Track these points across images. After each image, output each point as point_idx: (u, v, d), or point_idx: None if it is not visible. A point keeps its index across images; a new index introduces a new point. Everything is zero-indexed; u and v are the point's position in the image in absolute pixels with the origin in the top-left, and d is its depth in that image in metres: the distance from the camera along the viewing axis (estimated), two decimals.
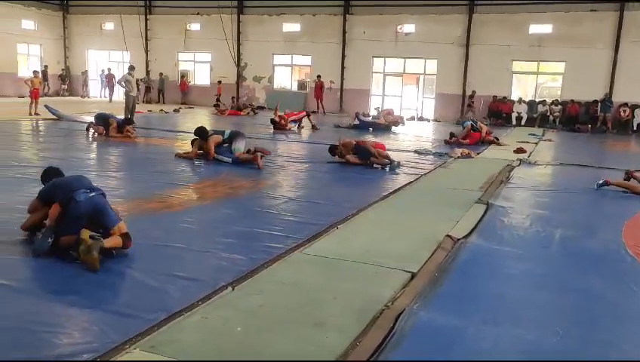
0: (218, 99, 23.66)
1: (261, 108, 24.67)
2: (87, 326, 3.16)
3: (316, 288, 3.79)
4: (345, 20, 24.30)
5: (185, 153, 9.67)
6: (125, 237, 4.20)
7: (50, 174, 4.76)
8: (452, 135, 13.75)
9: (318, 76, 24.15)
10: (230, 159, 9.12)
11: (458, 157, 11.05)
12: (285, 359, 2.81)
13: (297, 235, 5.01)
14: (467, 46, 22.52)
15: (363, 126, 16.85)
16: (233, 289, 3.68)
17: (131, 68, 16.79)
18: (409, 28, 23.49)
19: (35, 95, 17.43)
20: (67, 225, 4.15)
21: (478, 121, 15.63)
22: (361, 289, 3.80)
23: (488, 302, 3.75)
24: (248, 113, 21.34)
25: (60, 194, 4.30)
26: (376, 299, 3.58)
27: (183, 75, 27.29)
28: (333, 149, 9.75)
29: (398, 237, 5.18)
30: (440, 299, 3.69)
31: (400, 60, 24.39)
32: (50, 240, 4.08)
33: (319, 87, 24.04)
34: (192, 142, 9.80)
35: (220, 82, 25.81)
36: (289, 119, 15.76)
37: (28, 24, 27.32)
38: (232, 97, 24.14)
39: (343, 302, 3.56)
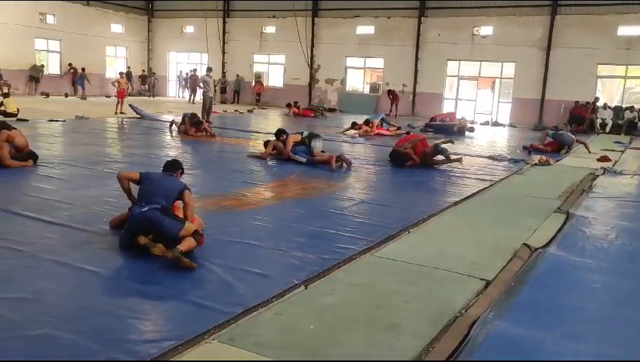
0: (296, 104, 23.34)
1: (332, 110, 24.82)
2: (169, 314, 3.33)
3: (388, 291, 3.79)
4: (420, 23, 24.01)
5: (260, 153, 9.91)
6: (196, 234, 4.25)
7: (165, 166, 5.00)
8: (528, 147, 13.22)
9: (389, 91, 23.98)
10: (305, 159, 9.27)
11: (536, 164, 10.65)
12: (358, 359, 2.83)
13: (369, 237, 5.02)
14: (548, 49, 21.63)
15: (436, 129, 16.62)
16: (306, 288, 3.74)
17: (209, 69, 17.37)
18: (486, 30, 22.88)
19: (121, 95, 18.45)
20: (131, 232, 4.30)
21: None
22: (433, 294, 3.76)
23: (568, 316, 3.59)
24: (317, 115, 21.39)
25: (140, 189, 4.58)
26: (449, 305, 3.53)
27: (259, 77, 27.90)
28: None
29: (471, 244, 5.07)
30: (516, 309, 3.58)
31: (475, 63, 23.79)
32: (129, 236, 4.32)
33: (395, 97, 23.82)
34: (266, 143, 10.03)
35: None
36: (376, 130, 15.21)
37: (116, 28, 28.98)
38: (288, 103, 22.84)
39: (415, 306, 3.53)
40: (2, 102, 14.81)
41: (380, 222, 5.64)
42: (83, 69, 25.66)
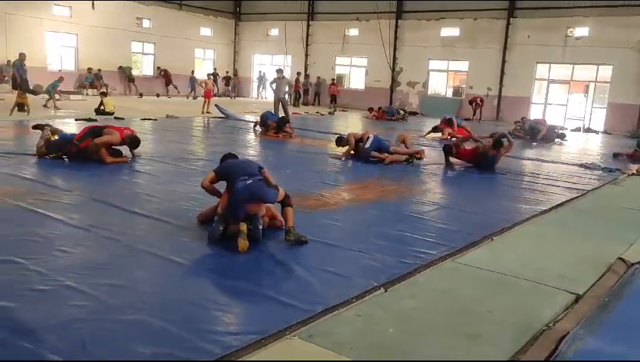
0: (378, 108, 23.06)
1: (414, 113, 24.51)
2: (251, 309, 3.44)
3: (469, 299, 3.70)
4: (508, 24, 23.18)
5: (343, 153, 10.00)
6: (287, 198, 4.76)
7: (227, 156, 5.36)
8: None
9: (470, 100, 23.23)
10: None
11: (633, 173, 9.97)
12: None
13: (450, 243, 4.92)
14: None
15: (528, 133, 15.99)
16: (386, 291, 3.73)
17: (278, 71, 17.79)
18: (581, 31, 21.70)
19: (207, 95, 19.22)
20: (232, 211, 4.59)
21: None
22: (517, 305, 3.63)
23: None
24: (398, 119, 21.12)
25: (227, 176, 4.85)
26: (536, 318, 3.39)
27: (334, 79, 28.00)
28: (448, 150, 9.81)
29: (559, 255, 4.84)
30: (609, 327, 3.37)
31: (568, 66, 22.61)
32: (221, 228, 4.51)
33: (477, 103, 23.08)
34: (338, 140, 10.35)
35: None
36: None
37: (205, 31, 30.26)
38: (370, 108, 22.58)
39: (498, 316, 3.42)
40: (102, 101, 15.88)
41: (460, 228, 5.51)
42: (192, 72, 27.12)
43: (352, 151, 9.92)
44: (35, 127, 8.85)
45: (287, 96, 18.04)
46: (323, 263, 4.17)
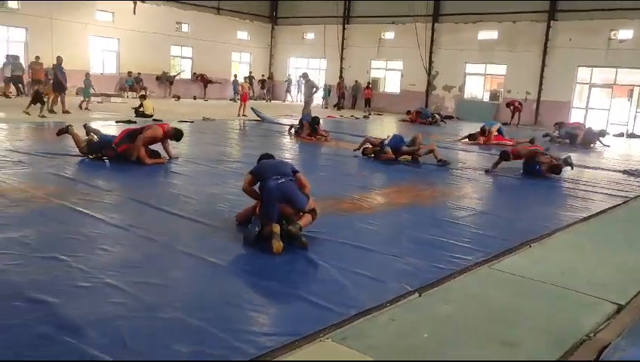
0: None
1: (449, 117, 24.24)
2: (285, 310, 3.47)
3: (506, 306, 3.63)
4: (549, 27, 22.68)
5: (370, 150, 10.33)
6: (313, 211, 4.78)
7: (263, 157, 5.39)
8: None
9: (508, 103, 22.75)
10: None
11: None
12: None
13: (486, 249, 4.85)
14: None
15: (566, 137, 15.63)
16: (420, 296, 3.70)
17: (304, 75, 17.88)
18: (625, 34, 21.05)
19: (244, 98, 19.45)
20: (265, 211, 4.66)
21: None
22: (556, 313, 3.55)
23: None
24: (431, 122, 20.84)
25: (260, 176, 4.91)
26: (575, 327, 3.31)
27: (369, 83, 27.91)
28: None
29: (600, 264, 4.71)
30: None
31: (611, 70, 21.95)
32: (257, 229, 4.56)
33: (516, 107, 22.51)
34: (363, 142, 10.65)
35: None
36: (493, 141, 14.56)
37: (242, 35, 30.65)
38: (408, 110, 22.56)
39: (536, 324, 3.35)
40: (141, 103, 16.27)
41: (497, 234, 5.43)
42: (235, 75, 27.74)
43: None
44: (60, 132, 8.93)
45: (312, 98, 18.01)
46: (357, 266, 4.17)
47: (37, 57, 18.47)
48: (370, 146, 10.39)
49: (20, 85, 20.59)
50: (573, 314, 3.54)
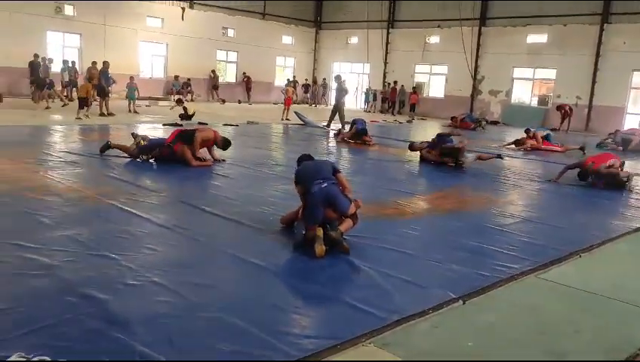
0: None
1: (495, 122, 23.75)
2: (327, 313, 3.47)
3: (554, 316, 3.53)
4: (602, 30, 21.94)
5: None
6: (354, 217, 4.76)
7: (302, 159, 5.38)
8: None
9: (558, 106, 22.05)
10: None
11: None
12: None
13: (533, 258, 4.73)
14: None
15: (620, 144, 15.10)
16: (464, 303, 3.64)
17: (337, 78, 17.86)
18: None
19: (287, 102, 19.61)
20: (309, 214, 4.67)
21: None
22: (608, 326, 3.42)
23: None
24: (475, 128, 20.43)
25: (303, 181, 4.89)
26: (629, 341, 3.18)
27: (414, 88, 27.66)
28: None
29: None
30: None
31: None
32: (303, 232, 4.59)
33: (566, 112, 21.79)
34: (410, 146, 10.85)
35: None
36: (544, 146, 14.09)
37: (287, 39, 30.94)
38: (453, 116, 22.28)
39: (586, 336, 3.25)
40: (185, 107, 16.66)
41: (545, 243, 5.27)
42: (294, 77, 27.86)
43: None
44: (102, 149, 8.73)
45: (343, 101, 17.85)
46: (400, 272, 4.13)
47: (94, 62, 19.18)
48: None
49: (75, 88, 21.40)
50: (626, 327, 3.41)
